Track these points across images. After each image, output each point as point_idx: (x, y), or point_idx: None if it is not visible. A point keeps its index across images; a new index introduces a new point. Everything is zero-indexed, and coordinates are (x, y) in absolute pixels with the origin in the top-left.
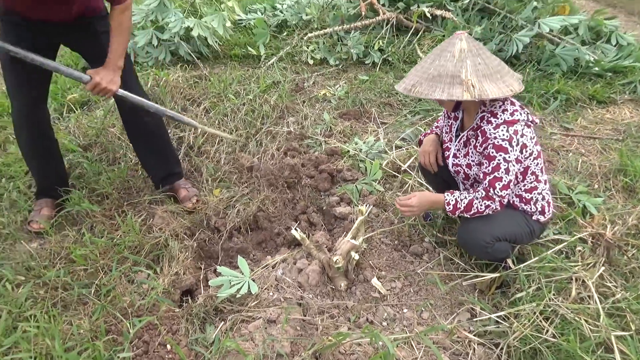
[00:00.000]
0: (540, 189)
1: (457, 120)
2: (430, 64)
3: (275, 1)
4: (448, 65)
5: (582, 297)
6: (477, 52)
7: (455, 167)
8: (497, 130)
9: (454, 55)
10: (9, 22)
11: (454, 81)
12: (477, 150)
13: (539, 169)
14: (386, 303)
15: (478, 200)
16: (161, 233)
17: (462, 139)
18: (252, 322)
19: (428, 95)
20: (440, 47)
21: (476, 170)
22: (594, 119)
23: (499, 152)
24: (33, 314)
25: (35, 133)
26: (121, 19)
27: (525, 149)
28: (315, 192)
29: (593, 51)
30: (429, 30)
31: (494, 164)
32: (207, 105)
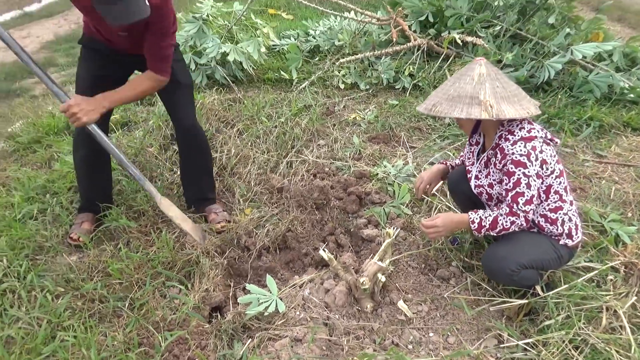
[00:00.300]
0: (566, 209)
1: (478, 145)
2: (450, 86)
3: (308, 27)
4: (467, 88)
5: (613, 327)
6: (496, 76)
7: (477, 188)
8: (514, 146)
9: (473, 78)
10: (89, 47)
11: (472, 102)
12: (497, 167)
13: (562, 188)
14: (412, 326)
15: (502, 216)
16: (193, 250)
17: (483, 160)
18: (279, 340)
19: (448, 113)
20: (460, 71)
21: (498, 188)
22: (629, 146)
23: (518, 167)
24: (71, 325)
25: (92, 149)
26: (143, 84)
27: (546, 164)
28: (343, 214)
29: (628, 78)
30: (460, 56)
31: (515, 179)
32: (241, 127)
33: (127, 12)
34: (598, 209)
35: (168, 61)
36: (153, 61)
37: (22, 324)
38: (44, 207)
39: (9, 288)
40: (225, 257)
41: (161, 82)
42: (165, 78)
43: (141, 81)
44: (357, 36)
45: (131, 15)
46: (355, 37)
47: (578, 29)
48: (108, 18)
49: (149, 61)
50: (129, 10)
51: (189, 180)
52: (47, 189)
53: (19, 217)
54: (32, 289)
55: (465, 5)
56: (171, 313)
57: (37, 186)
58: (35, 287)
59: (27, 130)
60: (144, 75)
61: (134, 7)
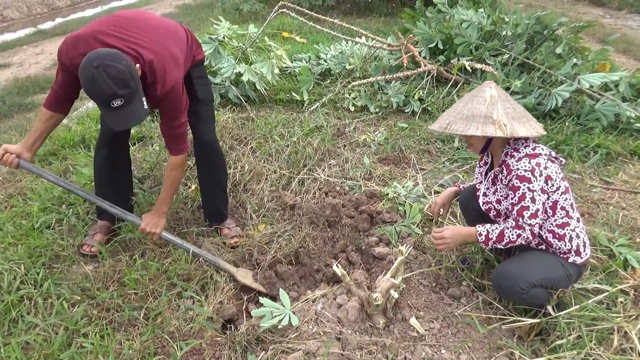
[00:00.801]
0: (573, 225)
1: (486, 165)
2: (463, 107)
3: (320, 51)
4: (480, 108)
5: (623, 349)
6: (506, 98)
7: (485, 205)
8: (519, 162)
9: (485, 99)
10: None
11: (487, 121)
12: (503, 183)
13: (569, 204)
14: (424, 343)
15: (509, 229)
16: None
17: (490, 177)
18: (292, 353)
19: (463, 132)
20: (471, 93)
21: (505, 204)
22: (636, 174)
23: (523, 182)
24: (87, 332)
25: (113, 150)
26: (172, 173)
27: (551, 180)
28: (354, 232)
29: (634, 108)
30: (468, 83)
31: (519, 194)
32: (254, 145)
33: (124, 119)
34: (606, 234)
35: (183, 139)
36: (170, 143)
37: (39, 331)
38: (60, 217)
39: (26, 295)
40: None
41: (184, 160)
42: (185, 155)
43: (172, 174)
44: (367, 60)
45: (128, 121)
46: (365, 61)
47: (585, 59)
48: (107, 121)
49: (167, 143)
50: (126, 118)
51: (205, 194)
52: (62, 200)
53: (36, 226)
54: (49, 297)
55: (475, 33)
56: (186, 324)
57: (53, 197)
58: (52, 295)
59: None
60: (169, 167)
61: (128, 116)
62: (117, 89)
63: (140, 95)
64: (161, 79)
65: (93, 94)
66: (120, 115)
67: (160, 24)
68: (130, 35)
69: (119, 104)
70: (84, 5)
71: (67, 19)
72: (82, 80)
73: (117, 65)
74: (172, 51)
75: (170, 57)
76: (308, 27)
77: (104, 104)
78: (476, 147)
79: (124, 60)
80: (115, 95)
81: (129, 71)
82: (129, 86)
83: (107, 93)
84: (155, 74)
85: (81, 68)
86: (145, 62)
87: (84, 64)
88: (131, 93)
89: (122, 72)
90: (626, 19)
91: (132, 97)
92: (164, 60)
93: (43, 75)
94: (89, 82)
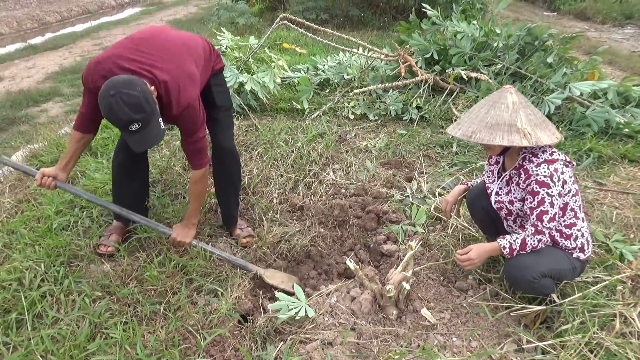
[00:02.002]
0: (579, 225)
1: (498, 164)
2: (486, 114)
3: (317, 62)
4: (504, 116)
5: (624, 333)
6: (526, 104)
7: (497, 203)
8: (538, 168)
9: (508, 106)
10: None
11: (511, 129)
12: (520, 187)
13: (577, 206)
14: (436, 332)
15: (530, 237)
16: (222, 263)
17: (505, 178)
18: (310, 343)
19: (489, 141)
20: (491, 98)
21: (519, 205)
22: (626, 175)
23: (542, 188)
24: (111, 325)
25: (130, 154)
26: (197, 186)
27: (566, 185)
28: (362, 231)
29: (623, 114)
30: (463, 92)
31: (539, 199)
32: (260, 150)
33: (143, 141)
34: (602, 230)
35: (203, 153)
36: (190, 157)
37: (63, 325)
38: (74, 219)
39: (48, 292)
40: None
41: (205, 174)
42: (206, 169)
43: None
44: (365, 70)
45: (147, 143)
46: (363, 71)
47: (574, 69)
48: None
49: (188, 158)
50: (144, 139)
51: (221, 199)
52: (74, 204)
53: (53, 227)
54: (70, 293)
55: (468, 44)
56: (205, 317)
57: (65, 200)
58: (73, 292)
59: (49, 151)
60: (192, 181)
61: (149, 137)
62: (133, 114)
63: (157, 117)
64: (176, 99)
65: (112, 120)
66: (139, 137)
67: (177, 41)
68: (145, 56)
69: (137, 127)
70: (74, 20)
71: (57, 34)
72: (101, 107)
73: (132, 91)
74: (188, 69)
75: (185, 75)
76: (305, 39)
77: (123, 128)
78: (495, 151)
79: (138, 86)
80: (132, 121)
81: (143, 96)
82: (145, 110)
83: (124, 119)
84: (170, 95)
85: (100, 97)
86: (160, 82)
87: (102, 93)
88: (147, 117)
89: (137, 98)
90: (610, 32)
91: (149, 120)
92: (179, 79)
93: (36, 89)
94: (107, 110)
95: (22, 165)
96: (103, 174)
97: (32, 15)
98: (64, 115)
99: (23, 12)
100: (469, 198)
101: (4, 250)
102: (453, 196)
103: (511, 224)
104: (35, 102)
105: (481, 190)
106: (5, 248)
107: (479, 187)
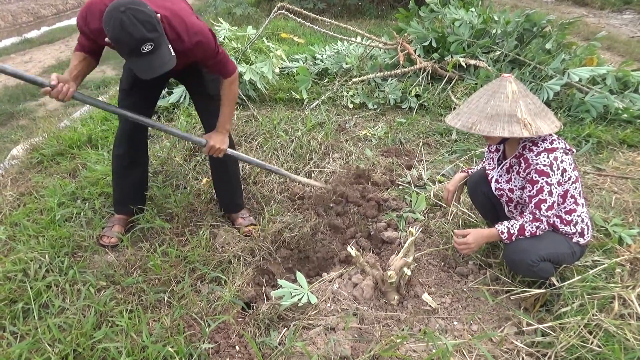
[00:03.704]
0: (579, 211)
1: (498, 152)
2: (485, 104)
3: (315, 52)
4: (504, 106)
5: (623, 315)
6: (525, 93)
7: (498, 191)
8: (538, 157)
9: (507, 96)
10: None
11: (511, 120)
12: (521, 175)
13: (577, 192)
14: (437, 316)
15: (528, 223)
16: (224, 253)
17: (505, 166)
18: (313, 329)
19: (491, 132)
20: (490, 88)
21: (519, 194)
22: (625, 161)
23: (542, 177)
24: (118, 312)
25: (131, 146)
26: (230, 90)
27: (565, 173)
28: (363, 219)
29: (621, 100)
30: (462, 79)
31: (538, 187)
32: (260, 140)
33: (153, 66)
34: (601, 215)
35: (228, 62)
36: (221, 71)
37: (69, 314)
38: (76, 211)
39: (53, 282)
40: (255, 259)
41: (236, 76)
42: (235, 71)
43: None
44: (364, 59)
45: (156, 69)
46: (362, 60)
47: (573, 55)
48: (136, 71)
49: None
50: (155, 64)
51: (220, 186)
52: (76, 195)
53: (56, 219)
54: (75, 283)
55: (467, 32)
56: (209, 305)
57: (67, 193)
58: (77, 282)
59: (50, 144)
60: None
61: (158, 62)
62: (146, 32)
63: (167, 42)
64: (184, 30)
65: (122, 41)
66: (150, 61)
67: None
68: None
69: (149, 48)
70: (69, 14)
71: (52, 27)
72: (110, 27)
73: (144, 9)
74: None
75: (184, 8)
76: (303, 29)
77: (133, 50)
78: (495, 140)
79: (147, 6)
80: (145, 40)
81: (154, 15)
82: (157, 30)
83: (137, 37)
84: (175, 28)
85: (107, 16)
86: (161, 18)
87: (110, 11)
88: (159, 37)
89: (149, 16)
90: (609, 18)
91: (161, 42)
92: (179, 12)
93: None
94: (117, 27)
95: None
96: (104, 166)
97: (27, 8)
98: (63, 108)
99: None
100: (470, 183)
101: (9, 242)
102: (454, 184)
103: (512, 209)
104: (33, 96)
105: (482, 176)
106: (9, 240)
107: (480, 173)
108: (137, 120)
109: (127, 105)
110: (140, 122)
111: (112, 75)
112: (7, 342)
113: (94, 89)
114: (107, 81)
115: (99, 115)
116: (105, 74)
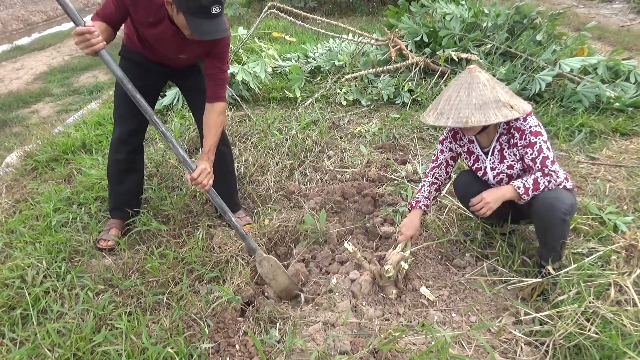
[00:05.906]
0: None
1: (472, 143)
2: (468, 97)
3: (307, 50)
4: (487, 94)
5: (619, 302)
6: (494, 79)
7: (497, 176)
8: (526, 121)
9: (485, 84)
10: (127, 58)
11: (498, 105)
12: (518, 146)
13: None
14: (435, 308)
15: (541, 177)
16: (221, 253)
17: (497, 149)
18: (312, 325)
19: (487, 121)
20: (463, 81)
21: (519, 166)
22: (618, 149)
23: (537, 137)
24: (117, 315)
25: (127, 152)
26: (218, 119)
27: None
28: (359, 215)
29: (613, 89)
30: (454, 73)
31: (537, 147)
32: (255, 140)
33: (216, 29)
34: (596, 203)
35: (225, 86)
36: (215, 87)
37: (68, 319)
38: (72, 216)
39: (51, 287)
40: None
41: (225, 108)
42: (226, 103)
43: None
44: (356, 56)
45: (220, 32)
46: (354, 57)
47: (564, 45)
48: (196, 32)
49: (211, 88)
50: (219, 28)
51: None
52: (72, 201)
53: (52, 225)
54: (73, 288)
55: (458, 26)
56: (208, 305)
57: (62, 198)
58: (76, 286)
59: (44, 150)
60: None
61: (223, 26)
62: None
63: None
64: None
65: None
66: (216, 23)
67: None
68: None
69: (218, 10)
70: (60, 20)
71: (43, 34)
72: None
73: None
74: None
75: None
76: (295, 28)
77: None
78: (475, 130)
79: None
80: (217, 1)
81: None
82: None
83: None
84: None
85: None
86: None
87: None
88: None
89: None
90: (599, 8)
91: (223, 9)
92: None
93: (25, 90)
94: None
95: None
96: (99, 170)
97: (17, 15)
98: (56, 115)
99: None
100: (460, 191)
101: (5, 249)
102: (412, 229)
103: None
104: (25, 104)
105: (469, 179)
106: (6, 247)
107: (466, 178)
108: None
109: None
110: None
111: (104, 80)
112: (7, 349)
113: (86, 94)
114: (100, 86)
115: (93, 120)
116: (98, 79)
